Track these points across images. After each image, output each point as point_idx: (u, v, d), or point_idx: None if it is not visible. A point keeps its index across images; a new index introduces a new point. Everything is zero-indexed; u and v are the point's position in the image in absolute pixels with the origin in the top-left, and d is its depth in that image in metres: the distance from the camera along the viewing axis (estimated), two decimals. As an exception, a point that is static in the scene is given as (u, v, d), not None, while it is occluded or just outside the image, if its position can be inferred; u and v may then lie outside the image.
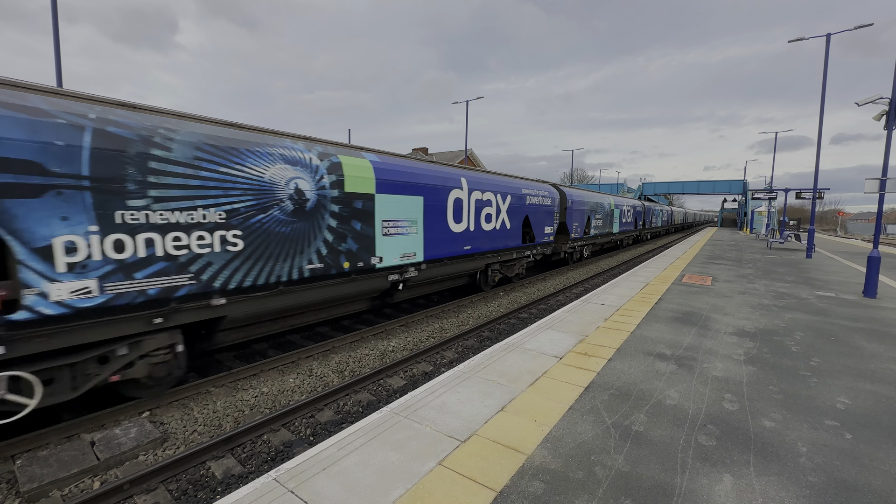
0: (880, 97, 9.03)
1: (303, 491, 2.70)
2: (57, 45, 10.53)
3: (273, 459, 4.20)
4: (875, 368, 4.90)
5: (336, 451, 3.15)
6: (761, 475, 2.89)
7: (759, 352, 5.38)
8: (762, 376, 4.59)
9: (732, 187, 51.77)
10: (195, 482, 3.83)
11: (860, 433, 3.46)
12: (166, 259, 4.64)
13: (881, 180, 9.01)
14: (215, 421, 4.83)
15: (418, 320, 8.93)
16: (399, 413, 3.73)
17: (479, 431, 3.42)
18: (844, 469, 2.98)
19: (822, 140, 15.87)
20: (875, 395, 4.19)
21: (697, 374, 4.63)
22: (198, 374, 6.10)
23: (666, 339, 5.86)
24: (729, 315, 7.22)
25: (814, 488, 2.76)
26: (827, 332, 6.32)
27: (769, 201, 26.24)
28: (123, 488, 3.57)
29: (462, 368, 4.78)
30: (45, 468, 3.77)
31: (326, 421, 4.91)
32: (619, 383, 4.35)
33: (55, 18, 10.37)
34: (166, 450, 4.27)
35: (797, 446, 3.25)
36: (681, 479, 2.84)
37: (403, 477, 2.84)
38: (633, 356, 5.15)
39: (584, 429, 3.46)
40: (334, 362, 6.54)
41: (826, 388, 4.34)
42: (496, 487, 2.74)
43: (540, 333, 6.09)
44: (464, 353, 7.18)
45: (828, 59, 15.57)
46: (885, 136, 8.96)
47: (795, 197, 22.35)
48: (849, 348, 5.61)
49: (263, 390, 5.53)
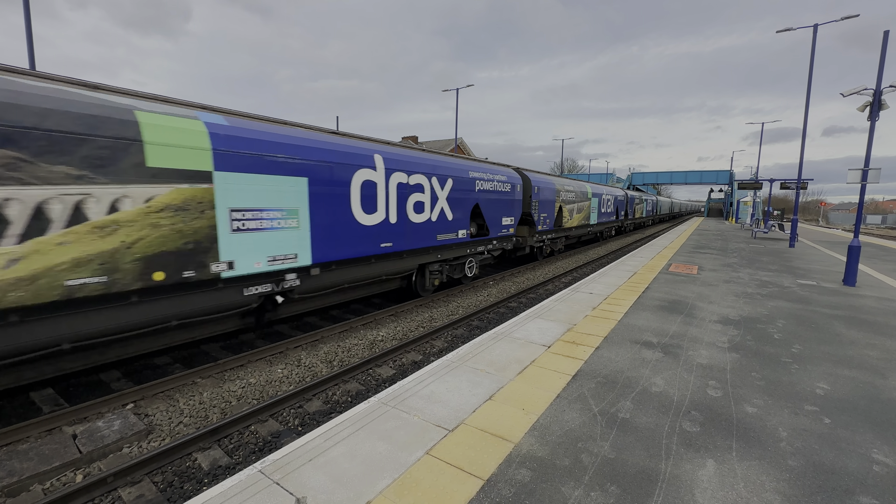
0: (865, 88, 9.14)
1: (288, 482, 2.68)
2: (28, 23, 10.09)
3: (261, 450, 4.17)
4: (853, 355, 5.03)
5: (323, 442, 3.13)
6: (743, 460, 2.95)
7: (742, 339, 5.48)
8: (745, 363, 4.68)
9: (720, 177, 52.43)
10: (181, 474, 3.79)
11: (838, 418, 3.55)
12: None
13: (863, 170, 9.17)
14: (202, 412, 4.77)
15: (408, 310, 8.91)
16: (387, 403, 3.72)
17: (467, 420, 3.43)
18: (823, 453, 3.05)
19: (814, 132, 16.23)
20: (853, 380, 4.30)
21: (683, 361, 4.70)
22: (183, 365, 6.02)
23: (652, 327, 5.93)
24: (714, 303, 7.34)
25: (793, 472, 2.83)
26: (808, 320, 6.46)
27: (754, 192, 26.62)
28: (107, 481, 3.52)
29: (451, 357, 4.78)
30: (25, 462, 3.69)
31: (315, 411, 4.89)
32: (606, 371, 4.40)
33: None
34: (151, 442, 4.21)
35: (778, 431, 3.32)
36: (665, 464, 2.89)
37: (391, 467, 2.83)
38: (620, 344, 5.21)
39: (571, 416, 3.49)
40: (323, 352, 6.50)
41: (806, 374, 4.44)
42: (483, 476, 2.75)
43: (529, 322, 6.11)
44: (453, 342, 7.20)
45: (814, 50, 15.70)
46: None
47: (780, 187, 22.70)
48: (829, 335, 5.74)
49: (251, 381, 5.48)
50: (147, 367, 5.93)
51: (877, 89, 8.88)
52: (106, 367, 5.72)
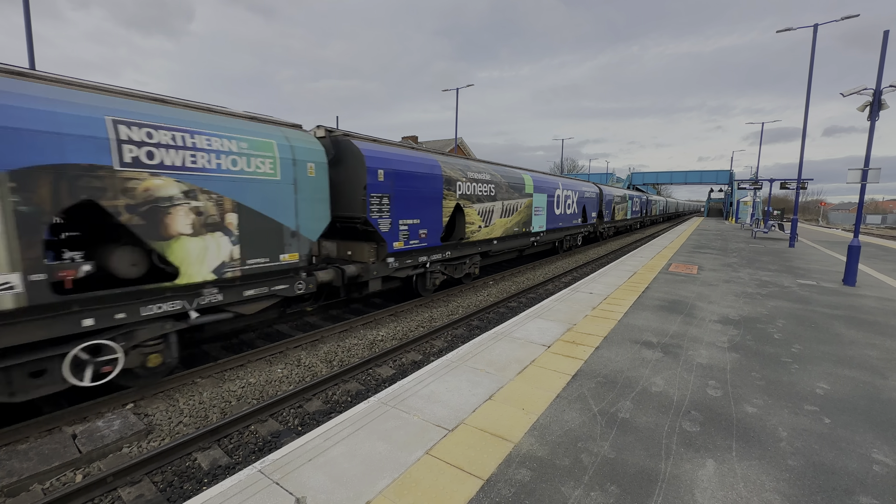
0: (865, 88, 9.14)
1: (288, 482, 2.68)
2: (28, 23, 10.09)
3: (261, 450, 4.17)
4: (853, 355, 5.03)
5: (322, 442, 3.13)
6: (743, 460, 2.95)
7: (742, 339, 5.48)
8: (745, 363, 4.68)
9: (719, 177, 52.44)
10: (181, 474, 3.79)
11: (838, 418, 3.55)
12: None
13: (863, 170, 9.17)
14: (201, 412, 4.77)
15: (408, 310, 8.91)
16: (387, 403, 3.72)
17: (466, 420, 3.43)
18: (822, 453, 3.05)
19: (814, 132, 16.22)
20: (853, 380, 4.30)
21: (683, 361, 4.69)
22: (183, 365, 6.02)
23: (652, 327, 5.93)
24: (714, 303, 7.34)
25: (793, 472, 2.83)
26: (808, 320, 6.46)
27: (754, 191, 26.63)
28: (107, 481, 3.52)
29: (450, 357, 4.78)
30: (24, 462, 3.69)
31: (315, 411, 4.89)
32: (606, 371, 4.40)
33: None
34: (151, 442, 4.21)
35: (778, 431, 3.32)
36: (665, 464, 2.89)
37: (390, 467, 2.83)
38: (619, 344, 5.21)
39: (571, 416, 3.49)
40: (323, 352, 6.50)
41: (806, 374, 4.44)
42: (483, 475, 2.75)
43: (528, 322, 6.11)
44: (453, 342, 7.20)
45: (814, 50, 15.70)
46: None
47: (780, 187, 22.70)
48: (828, 335, 5.74)
49: (251, 381, 5.48)
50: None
51: (877, 89, 8.88)
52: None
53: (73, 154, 4.00)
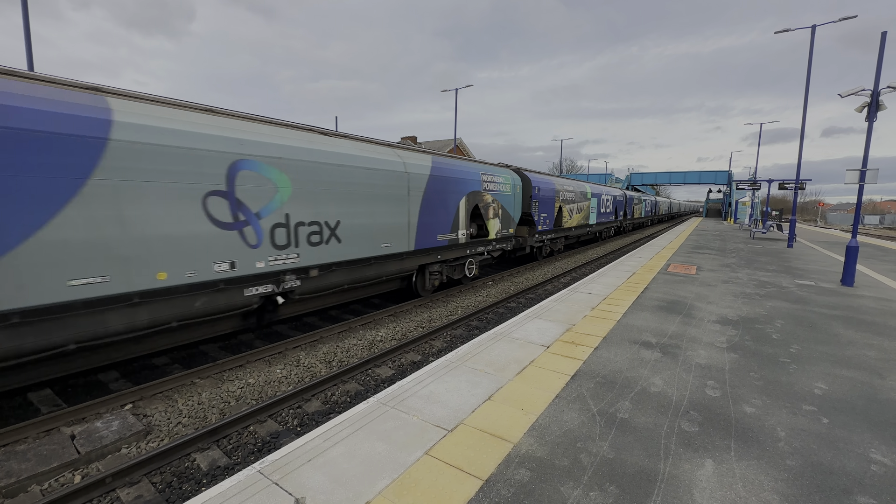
0: (863, 89, 9.17)
1: (287, 483, 2.68)
2: (26, 23, 10.07)
3: (260, 450, 4.17)
4: (851, 355, 5.04)
5: (322, 443, 3.13)
6: (741, 460, 2.96)
7: (741, 339, 5.49)
8: (744, 363, 4.69)
9: (718, 178, 52.51)
10: (180, 474, 3.79)
11: (836, 418, 3.56)
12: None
13: (861, 171, 9.19)
14: (200, 413, 4.76)
15: (407, 310, 8.91)
16: (386, 403, 3.72)
17: (466, 420, 3.43)
18: (821, 453, 3.06)
19: (813, 133, 16.32)
20: (851, 380, 4.31)
21: (681, 361, 4.70)
22: (181, 365, 6.01)
23: (651, 327, 5.94)
24: (712, 304, 7.35)
25: (791, 472, 2.84)
26: (806, 320, 6.48)
27: (752, 192, 26.69)
28: (105, 482, 3.51)
29: (450, 358, 4.78)
30: (23, 463, 3.68)
31: (314, 411, 4.89)
32: (605, 371, 4.40)
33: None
34: (150, 442, 4.20)
35: (776, 431, 3.33)
36: (664, 464, 2.89)
37: (390, 467, 2.83)
38: (618, 344, 5.22)
39: (570, 417, 3.50)
40: (322, 353, 6.50)
41: (805, 374, 4.45)
42: (482, 476, 2.75)
43: (528, 322, 6.12)
44: (452, 342, 7.20)
45: (813, 50, 15.74)
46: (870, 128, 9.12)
47: (778, 188, 22.75)
48: (827, 335, 5.76)
49: (250, 381, 5.47)
50: (145, 367, 5.93)
51: (874, 90, 8.91)
52: (104, 367, 5.71)
53: (471, 185, 10.50)
